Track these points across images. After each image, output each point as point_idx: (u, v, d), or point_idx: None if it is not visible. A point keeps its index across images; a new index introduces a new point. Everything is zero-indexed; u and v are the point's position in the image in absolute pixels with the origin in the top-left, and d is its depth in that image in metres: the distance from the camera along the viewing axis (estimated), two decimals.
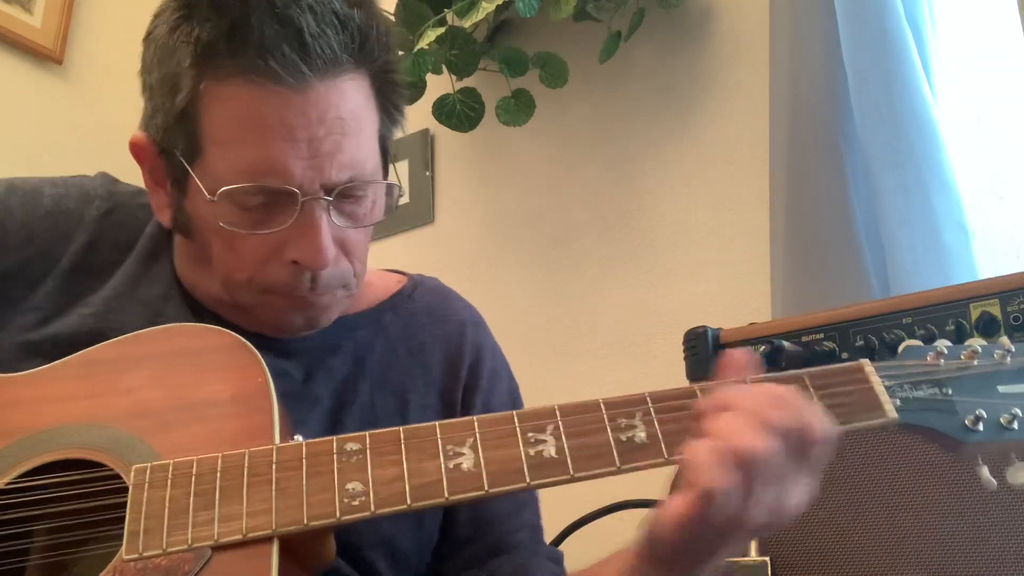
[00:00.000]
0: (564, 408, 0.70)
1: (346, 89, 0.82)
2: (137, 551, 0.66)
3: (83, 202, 0.92)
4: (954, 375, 0.72)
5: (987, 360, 0.72)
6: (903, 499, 1.06)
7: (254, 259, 0.83)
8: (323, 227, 0.82)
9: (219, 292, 0.87)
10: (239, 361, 0.76)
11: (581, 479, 0.67)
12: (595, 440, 0.68)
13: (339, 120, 0.81)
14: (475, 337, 1.00)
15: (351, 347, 0.93)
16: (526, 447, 0.68)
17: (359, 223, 0.86)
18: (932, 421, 0.70)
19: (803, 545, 1.11)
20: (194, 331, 0.80)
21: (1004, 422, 0.69)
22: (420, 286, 1.03)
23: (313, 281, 0.84)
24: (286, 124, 0.79)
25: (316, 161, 0.80)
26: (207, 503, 0.67)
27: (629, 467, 0.67)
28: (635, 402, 0.70)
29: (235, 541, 0.66)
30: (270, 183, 0.80)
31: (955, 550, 1.02)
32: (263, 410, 0.73)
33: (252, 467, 0.69)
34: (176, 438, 0.72)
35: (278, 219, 0.81)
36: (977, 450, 0.70)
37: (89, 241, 0.90)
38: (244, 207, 0.81)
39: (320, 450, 0.69)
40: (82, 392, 0.75)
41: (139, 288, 0.89)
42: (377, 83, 0.86)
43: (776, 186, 1.54)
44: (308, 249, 0.81)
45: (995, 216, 1.50)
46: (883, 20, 1.43)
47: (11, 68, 2.23)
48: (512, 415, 0.70)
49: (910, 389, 0.71)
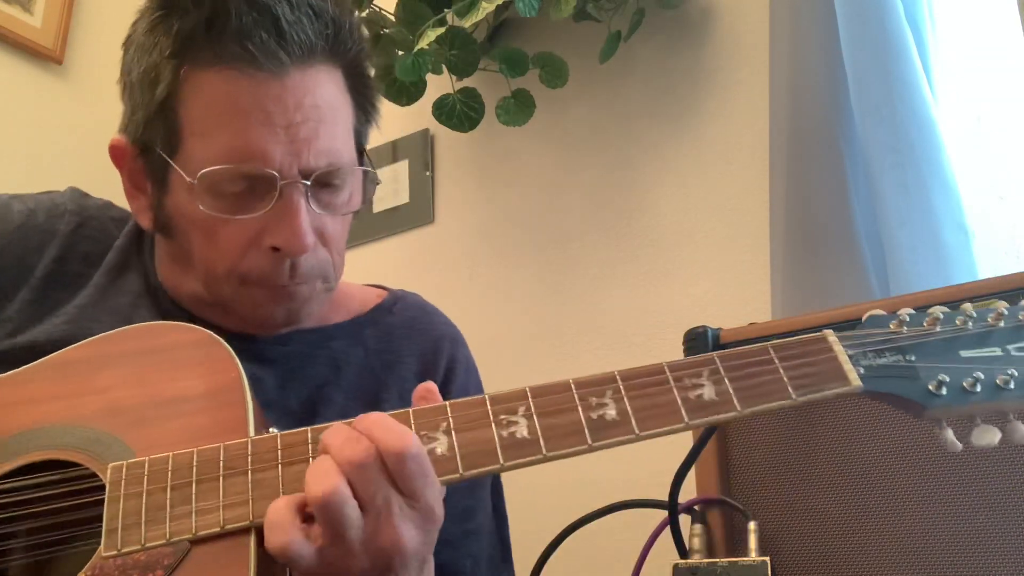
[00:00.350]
0: (535, 389, 0.71)
1: (321, 79, 0.85)
2: (116, 548, 0.66)
3: (53, 216, 0.94)
4: (917, 342, 0.72)
5: (949, 326, 0.73)
6: (904, 499, 1.06)
7: (234, 248, 0.84)
8: (302, 211, 0.83)
9: (200, 291, 0.88)
10: (212, 356, 0.77)
11: (554, 458, 0.68)
12: (567, 419, 0.69)
13: (315, 108, 0.84)
14: (451, 352, 1.01)
15: (327, 356, 0.94)
16: (499, 429, 0.69)
17: (337, 212, 0.87)
18: (896, 387, 0.70)
19: (803, 545, 1.11)
20: (167, 329, 0.81)
21: (967, 386, 0.70)
22: (401, 301, 1.04)
23: (293, 269, 0.85)
24: (264, 109, 0.82)
25: (294, 146, 0.82)
26: (184, 497, 0.68)
27: (601, 444, 0.68)
28: (605, 381, 0.71)
29: (213, 533, 0.66)
30: (249, 167, 0.81)
31: (955, 550, 1.02)
32: (237, 403, 0.73)
33: (228, 460, 0.69)
34: (151, 435, 0.72)
35: (258, 205, 0.83)
36: (941, 414, 0.71)
37: (60, 254, 0.91)
38: (224, 194, 0.83)
39: (295, 440, 0.70)
40: (57, 393, 0.76)
41: (108, 299, 0.90)
42: (350, 77, 0.89)
43: (776, 186, 1.54)
44: (287, 233, 0.83)
45: (995, 216, 1.50)
46: (883, 20, 1.43)
47: (11, 68, 2.23)
48: (484, 398, 0.71)
49: (873, 357, 0.71)
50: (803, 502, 1.12)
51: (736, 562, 1.08)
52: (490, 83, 1.88)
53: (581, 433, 0.68)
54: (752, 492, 1.17)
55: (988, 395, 0.70)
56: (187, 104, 0.83)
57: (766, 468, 1.17)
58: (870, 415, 1.11)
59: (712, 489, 1.18)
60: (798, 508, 1.13)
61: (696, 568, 1.09)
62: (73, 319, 0.86)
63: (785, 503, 1.14)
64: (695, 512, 1.18)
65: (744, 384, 0.70)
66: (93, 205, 0.97)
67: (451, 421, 0.70)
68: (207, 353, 0.77)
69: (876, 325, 0.74)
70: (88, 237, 0.93)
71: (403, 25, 1.81)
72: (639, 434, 0.69)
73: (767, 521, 1.14)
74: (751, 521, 1.13)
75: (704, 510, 1.18)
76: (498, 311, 1.98)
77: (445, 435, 0.69)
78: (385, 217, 2.18)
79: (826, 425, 1.13)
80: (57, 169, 2.27)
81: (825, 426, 1.13)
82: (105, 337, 0.80)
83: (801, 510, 1.12)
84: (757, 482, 1.17)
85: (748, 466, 1.18)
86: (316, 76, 0.85)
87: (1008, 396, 0.69)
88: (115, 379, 0.76)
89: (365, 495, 0.64)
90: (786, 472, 1.14)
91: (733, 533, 1.17)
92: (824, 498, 1.11)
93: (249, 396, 0.74)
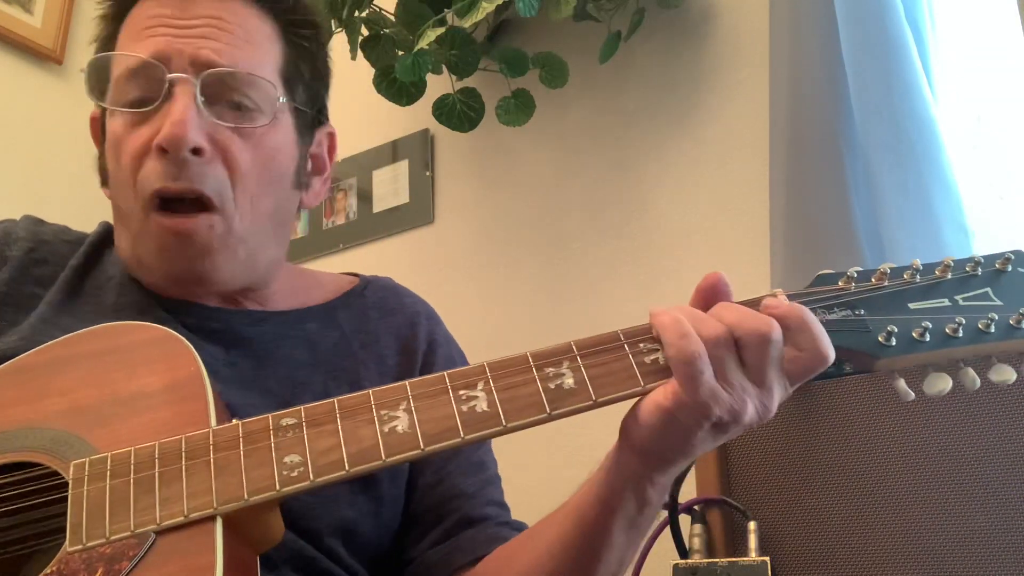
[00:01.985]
0: (493, 364, 0.72)
1: (239, 10, 0.88)
2: (81, 542, 0.66)
3: (5, 244, 0.94)
4: (865, 296, 0.74)
5: (897, 280, 0.74)
6: (904, 499, 1.06)
7: (133, 160, 0.85)
8: (187, 104, 0.83)
9: (128, 244, 0.89)
10: (169, 352, 0.77)
11: (514, 429, 0.69)
12: (525, 391, 0.70)
13: (218, 19, 0.87)
14: (428, 326, 1.02)
15: (303, 337, 0.94)
16: (458, 404, 0.70)
17: (238, 125, 0.87)
18: (847, 341, 0.72)
19: (803, 545, 1.11)
20: (122, 328, 0.80)
21: (916, 335, 0.71)
22: (372, 284, 1.04)
23: (179, 173, 0.83)
24: (162, 15, 0.86)
25: (186, 41, 0.85)
26: (147, 489, 0.68)
27: (559, 412, 0.69)
28: (562, 351, 0.72)
29: (178, 523, 0.66)
30: (137, 62, 0.85)
31: (955, 550, 1.02)
32: (197, 396, 0.73)
33: (189, 451, 0.69)
34: (113, 432, 0.72)
35: (149, 103, 0.85)
36: (893, 364, 0.72)
37: (12, 277, 0.91)
38: (124, 102, 0.86)
39: (256, 428, 0.70)
40: (15, 398, 0.75)
41: (61, 317, 0.89)
42: (287, 30, 0.92)
43: (776, 186, 1.54)
44: (168, 124, 0.83)
45: (995, 216, 1.50)
46: (883, 20, 1.43)
47: (11, 68, 2.23)
48: (444, 376, 0.71)
49: (824, 313, 0.73)
50: (803, 502, 1.12)
51: (736, 562, 1.08)
52: (490, 83, 1.88)
53: (540, 404, 0.70)
54: (752, 492, 1.17)
55: (937, 343, 0.71)
56: (117, 44, 0.89)
57: (766, 468, 1.17)
58: (870, 415, 1.11)
59: (712, 489, 1.19)
60: (798, 508, 1.13)
61: (696, 568, 1.09)
62: (26, 336, 0.85)
63: (785, 503, 1.14)
64: (695, 512, 1.19)
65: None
66: (47, 231, 0.97)
67: (411, 399, 0.71)
68: (165, 349, 0.77)
69: (826, 283, 0.76)
70: (40, 261, 0.93)
71: (403, 25, 1.81)
72: (596, 400, 0.70)
73: (767, 521, 1.14)
74: (751, 521, 1.13)
75: (704, 510, 1.18)
76: (498, 311, 1.98)
77: (406, 413, 0.70)
78: (385, 217, 2.18)
79: (826, 425, 1.13)
80: (57, 169, 2.27)
81: (825, 426, 1.13)
82: (62, 341, 0.79)
83: (801, 510, 1.13)
84: (757, 482, 1.17)
85: (748, 466, 1.18)
86: (231, 4, 0.88)
87: (957, 343, 0.71)
88: (75, 380, 0.76)
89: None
90: (786, 472, 1.14)
91: (733, 533, 1.17)
92: (824, 498, 1.11)
93: (209, 388, 0.74)
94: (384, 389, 0.72)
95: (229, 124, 0.86)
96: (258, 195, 0.88)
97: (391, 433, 0.69)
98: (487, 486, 0.96)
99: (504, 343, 1.94)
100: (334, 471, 0.68)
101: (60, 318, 0.88)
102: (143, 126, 0.85)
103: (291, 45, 0.93)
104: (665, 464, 0.71)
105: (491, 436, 0.70)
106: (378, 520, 0.90)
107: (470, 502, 0.93)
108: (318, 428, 0.70)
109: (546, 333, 1.91)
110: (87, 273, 0.94)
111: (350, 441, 0.69)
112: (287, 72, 0.92)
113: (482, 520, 0.92)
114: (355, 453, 0.68)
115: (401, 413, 0.70)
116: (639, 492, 0.72)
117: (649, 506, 0.74)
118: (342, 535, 0.86)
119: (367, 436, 0.69)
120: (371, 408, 0.70)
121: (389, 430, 0.69)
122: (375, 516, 0.89)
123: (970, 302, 0.73)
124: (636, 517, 0.74)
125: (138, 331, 0.79)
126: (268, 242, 0.92)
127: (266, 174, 0.89)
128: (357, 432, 0.69)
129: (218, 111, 0.86)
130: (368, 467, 0.68)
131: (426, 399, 0.71)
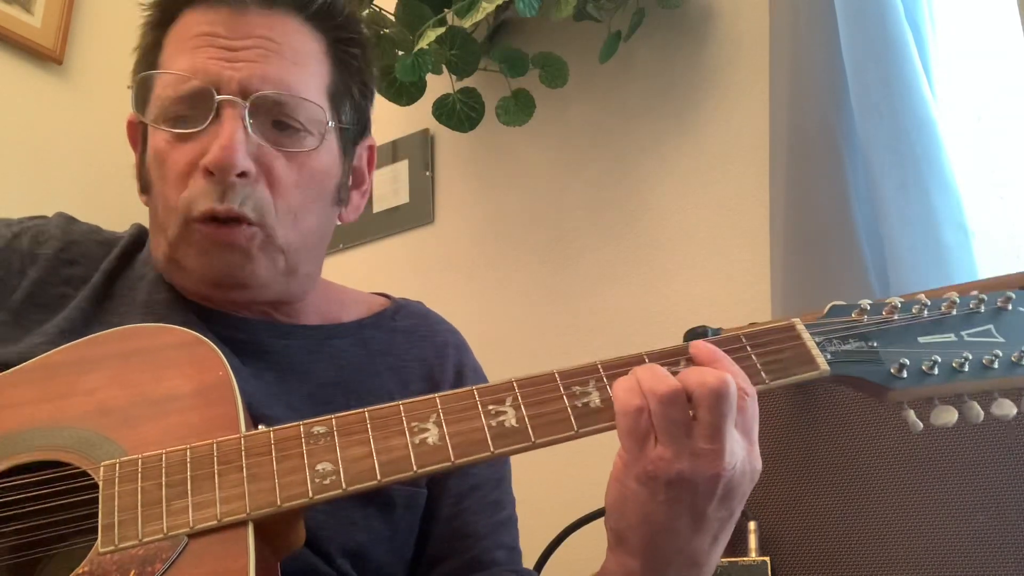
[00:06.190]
0: (521, 381, 0.73)
1: (288, 27, 0.87)
2: (113, 543, 0.66)
3: (36, 242, 0.93)
4: (878, 328, 0.77)
5: (906, 314, 0.78)
6: (904, 499, 1.06)
7: (178, 175, 0.85)
8: (235, 128, 0.83)
9: (166, 249, 0.88)
10: (198, 356, 0.76)
11: (542, 445, 0.71)
12: (552, 408, 0.72)
13: (268, 40, 0.86)
14: (457, 357, 1.01)
15: (330, 353, 0.93)
16: (487, 419, 0.71)
17: (285, 148, 0.86)
18: (860, 371, 0.75)
19: (803, 545, 1.11)
20: (151, 331, 0.80)
21: (926, 368, 0.75)
22: (403, 309, 1.04)
23: (224, 194, 0.83)
24: (212, 34, 0.85)
25: (236, 65, 0.84)
26: (180, 492, 0.68)
27: (586, 431, 0.71)
28: (588, 371, 0.74)
29: (210, 527, 0.66)
30: (188, 85, 0.84)
31: (955, 550, 1.02)
32: (226, 401, 0.73)
33: (221, 455, 0.69)
34: (141, 434, 0.72)
35: (198, 124, 0.84)
36: (903, 396, 0.75)
37: (41, 277, 0.90)
38: (170, 118, 0.85)
39: (288, 435, 0.71)
40: (43, 396, 0.75)
41: (91, 326, 0.88)
42: (334, 47, 0.91)
43: (776, 186, 1.54)
44: (216, 147, 0.82)
45: (995, 216, 1.50)
46: (883, 20, 1.43)
47: (11, 68, 2.23)
48: (472, 390, 0.72)
49: (839, 343, 0.76)
50: (803, 502, 1.12)
51: (736, 562, 1.08)
52: (490, 83, 1.88)
53: (567, 421, 0.71)
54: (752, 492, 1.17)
55: (945, 377, 0.74)
56: (163, 55, 0.87)
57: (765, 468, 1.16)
58: (870, 416, 1.11)
59: None
60: (798, 508, 1.13)
61: None
62: (53, 340, 0.84)
63: (785, 503, 1.14)
64: None
65: None
66: (78, 230, 0.96)
67: (441, 412, 0.71)
68: (193, 353, 0.77)
69: (839, 314, 0.79)
70: (70, 261, 0.92)
71: (403, 25, 1.81)
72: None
73: (767, 521, 1.14)
74: (751, 521, 1.13)
75: None
76: (498, 311, 1.98)
77: (436, 426, 0.71)
78: (385, 217, 2.18)
79: (826, 425, 1.13)
80: (57, 169, 2.27)
81: (825, 426, 1.13)
82: (88, 340, 0.79)
83: (801, 510, 1.12)
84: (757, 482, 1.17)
85: None
86: (281, 20, 0.87)
87: (963, 378, 0.74)
88: (101, 380, 0.75)
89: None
90: (786, 472, 1.14)
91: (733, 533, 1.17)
92: (824, 498, 1.11)
93: (238, 394, 0.74)
94: (414, 401, 0.72)
95: (277, 148, 0.86)
96: (301, 212, 0.88)
97: (422, 444, 0.70)
98: (500, 528, 0.95)
99: (504, 343, 1.94)
100: (366, 480, 0.68)
101: (89, 327, 0.87)
102: (189, 143, 0.84)
103: (339, 63, 0.92)
104: (651, 560, 0.69)
105: (519, 451, 0.70)
106: (391, 546, 0.90)
107: (481, 544, 0.92)
108: (349, 437, 0.70)
109: (546, 333, 1.91)
110: (118, 276, 0.93)
111: (381, 451, 0.70)
112: (335, 91, 0.91)
113: (490, 565, 0.91)
114: (386, 463, 0.69)
115: (431, 425, 0.71)
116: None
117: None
118: (351, 558, 0.86)
119: (398, 446, 0.70)
120: (401, 419, 0.71)
121: (420, 441, 0.70)
122: (388, 542, 0.89)
123: (974, 338, 0.77)
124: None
125: (166, 334, 0.79)
126: (307, 257, 0.92)
127: (310, 193, 0.89)
128: (388, 442, 0.70)
129: (265, 132, 0.85)
130: (399, 477, 0.69)
131: (456, 413, 0.72)
